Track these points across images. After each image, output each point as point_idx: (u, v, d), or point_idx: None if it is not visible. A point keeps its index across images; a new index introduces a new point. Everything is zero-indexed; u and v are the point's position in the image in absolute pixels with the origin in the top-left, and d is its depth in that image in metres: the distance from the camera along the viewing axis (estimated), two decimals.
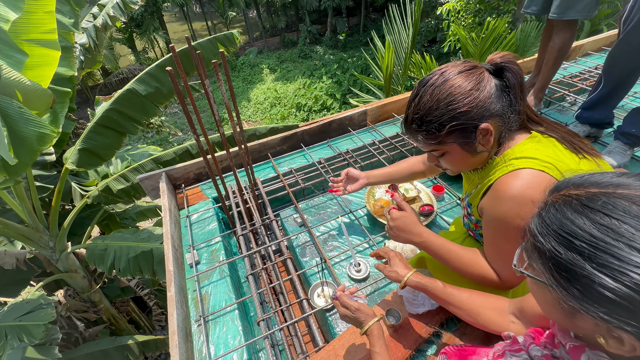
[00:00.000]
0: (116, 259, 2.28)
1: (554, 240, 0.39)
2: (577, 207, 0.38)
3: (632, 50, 1.45)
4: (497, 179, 0.74)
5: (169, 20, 24.26)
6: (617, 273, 0.33)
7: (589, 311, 0.36)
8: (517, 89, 0.72)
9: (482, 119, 0.72)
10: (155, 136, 9.16)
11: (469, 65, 0.73)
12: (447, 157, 0.80)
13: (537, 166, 0.68)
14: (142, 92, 2.51)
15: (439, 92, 0.72)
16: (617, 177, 0.39)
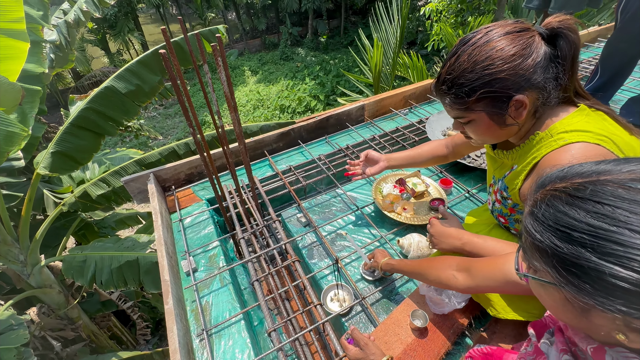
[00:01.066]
0: (97, 271, 2.09)
1: (553, 236, 0.37)
2: (567, 199, 0.37)
3: (629, 39, 1.47)
4: (545, 155, 0.67)
5: (145, 22, 23.48)
6: (624, 260, 0.31)
7: (605, 305, 0.34)
8: (568, 61, 0.65)
9: (519, 89, 0.65)
10: (134, 140, 8.74)
11: (519, 27, 0.66)
12: (473, 125, 0.74)
13: (592, 139, 0.62)
14: (122, 89, 2.33)
15: (478, 53, 0.66)
16: (597, 165, 0.39)
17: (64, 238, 3.03)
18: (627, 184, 0.34)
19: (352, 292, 1.10)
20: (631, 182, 0.34)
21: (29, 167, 3.41)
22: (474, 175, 1.57)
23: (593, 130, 0.63)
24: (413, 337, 0.90)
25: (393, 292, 1.11)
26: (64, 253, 2.96)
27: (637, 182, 0.34)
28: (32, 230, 2.65)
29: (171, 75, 0.90)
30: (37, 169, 2.21)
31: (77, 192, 2.33)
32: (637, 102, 1.58)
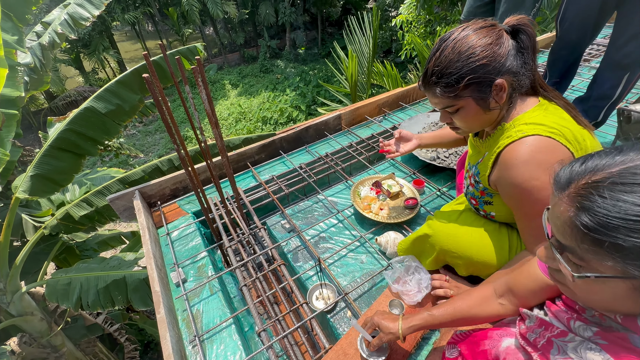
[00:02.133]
0: (83, 292, 2.06)
1: (624, 228, 0.35)
2: (622, 187, 0.36)
3: (568, 47, 1.65)
4: (506, 146, 0.77)
5: (120, 40, 23.18)
6: None
7: None
8: (530, 51, 0.76)
9: (499, 74, 0.75)
10: (114, 159, 8.57)
11: (488, 23, 0.77)
12: (461, 112, 0.82)
13: (545, 132, 0.72)
14: (102, 109, 2.35)
15: (461, 45, 0.75)
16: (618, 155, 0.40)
17: (44, 263, 2.95)
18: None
19: (335, 290, 1.17)
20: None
21: (4, 192, 3.32)
22: (444, 175, 1.69)
23: (547, 124, 0.73)
24: None
25: (374, 287, 1.19)
26: (46, 278, 2.88)
27: None
28: (11, 256, 2.58)
29: (155, 98, 0.97)
30: (15, 193, 2.18)
31: (58, 214, 2.30)
32: (582, 102, 1.76)
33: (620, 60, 1.50)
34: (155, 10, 15.91)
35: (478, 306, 0.76)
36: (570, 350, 0.48)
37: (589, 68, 2.68)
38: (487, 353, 0.71)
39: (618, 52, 1.50)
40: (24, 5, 2.53)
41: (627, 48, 1.46)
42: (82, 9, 3.24)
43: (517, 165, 0.74)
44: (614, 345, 0.44)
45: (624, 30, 1.45)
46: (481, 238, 0.95)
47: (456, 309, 0.77)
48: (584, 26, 1.55)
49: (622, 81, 1.55)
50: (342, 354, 0.93)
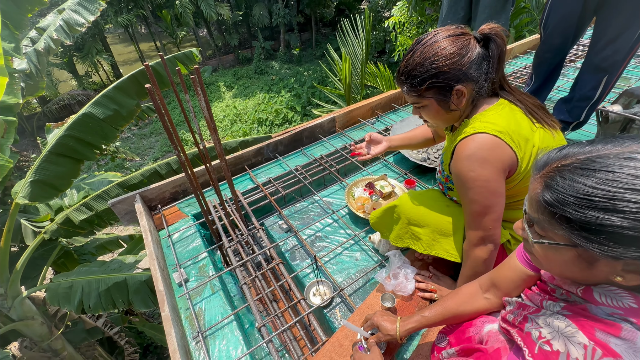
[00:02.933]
0: (85, 295, 2.10)
1: (575, 204, 0.43)
2: (580, 172, 0.44)
3: (552, 50, 1.73)
4: (460, 140, 0.85)
5: (113, 42, 23.04)
6: (636, 214, 0.39)
7: (621, 255, 0.41)
8: (495, 60, 0.83)
9: (459, 81, 0.82)
10: (110, 163, 8.55)
11: (458, 31, 0.83)
12: (425, 110, 0.91)
13: (492, 131, 0.80)
14: (100, 115, 2.39)
15: (427, 51, 0.82)
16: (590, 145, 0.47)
17: (43, 267, 2.97)
18: (625, 155, 0.42)
19: (331, 286, 1.23)
20: (628, 153, 0.42)
21: (2, 198, 3.34)
22: (434, 174, 1.76)
23: (497, 123, 0.81)
24: None
25: (369, 282, 1.25)
26: (45, 282, 2.90)
27: (632, 153, 0.42)
28: (11, 262, 2.60)
29: (157, 108, 1.02)
30: (15, 199, 2.21)
31: (59, 219, 2.33)
32: (566, 102, 1.84)
33: (599, 63, 1.58)
34: (148, 12, 15.87)
35: (465, 303, 0.81)
36: (541, 321, 0.55)
37: (575, 69, 2.77)
38: (471, 339, 0.77)
39: (597, 56, 1.57)
40: (20, 12, 2.55)
41: (605, 52, 1.53)
42: (77, 15, 3.27)
43: (462, 158, 0.83)
44: (576, 315, 0.51)
45: (602, 35, 1.53)
46: (441, 209, 1.04)
47: (446, 308, 0.82)
48: (565, 30, 1.63)
49: (602, 83, 1.63)
50: (337, 346, 0.99)
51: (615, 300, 0.48)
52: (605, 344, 0.45)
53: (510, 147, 0.80)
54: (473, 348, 0.73)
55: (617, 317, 0.47)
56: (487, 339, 0.71)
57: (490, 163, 0.80)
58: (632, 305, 0.46)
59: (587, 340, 0.46)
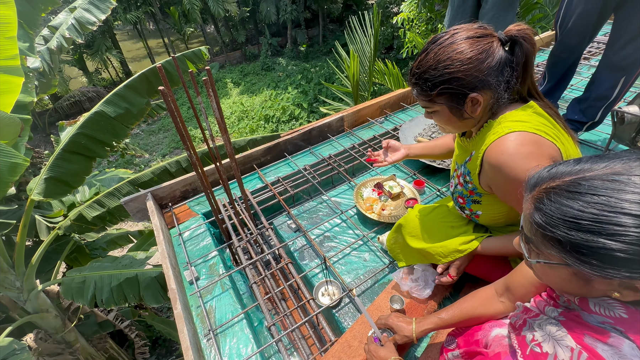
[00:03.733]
0: (97, 290, 2.15)
1: (564, 227, 0.44)
2: (567, 194, 0.45)
3: (569, 49, 1.69)
4: (492, 142, 0.76)
5: (122, 39, 23.27)
6: (623, 237, 0.40)
7: (612, 275, 0.42)
8: (521, 67, 0.75)
9: (474, 89, 0.74)
10: (119, 159, 8.70)
11: (480, 32, 0.74)
12: (437, 115, 0.84)
13: (530, 129, 0.72)
14: (111, 113, 2.43)
15: (442, 53, 0.75)
16: (576, 165, 0.47)
17: (57, 262, 3.05)
18: (609, 177, 0.43)
19: (340, 286, 1.24)
20: (612, 176, 0.43)
21: (16, 193, 3.42)
22: (443, 175, 1.75)
23: (532, 122, 0.74)
24: None
25: (377, 283, 1.26)
26: (59, 276, 2.98)
27: (616, 175, 0.43)
28: (26, 256, 2.68)
29: (170, 111, 1.03)
30: (31, 196, 2.27)
31: (72, 215, 2.39)
32: (580, 102, 1.80)
33: (618, 62, 1.54)
34: (156, 9, 15.96)
35: (482, 306, 0.82)
36: (536, 325, 0.57)
37: (589, 67, 2.71)
38: (479, 342, 0.78)
39: (616, 55, 1.53)
40: (33, 12, 2.60)
41: (625, 51, 1.49)
42: (88, 14, 3.32)
43: (505, 161, 0.73)
44: (570, 321, 0.53)
45: (622, 33, 1.49)
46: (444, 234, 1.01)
47: (462, 311, 0.83)
48: (583, 30, 1.59)
49: (620, 82, 1.59)
50: (346, 346, 1.00)
51: (607, 310, 0.49)
52: (592, 349, 0.46)
53: (552, 142, 0.72)
54: (475, 351, 0.74)
55: (608, 325, 0.49)
56: (491, 343, 0.72)
57: (539, 157, 0.70)
58: (622, 315, 0.48)
59: (574, 344, 0.48)
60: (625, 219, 0.40)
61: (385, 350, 0.84)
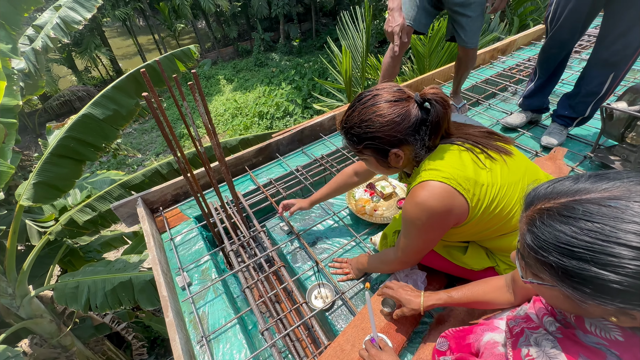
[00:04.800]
0: (91, 295, 2.14)
1: (556, 252, 0.43)
2: (560, 218, 0.43)
3: (560, 45, 1.68)
4: (413, 187, 0.85)
5: (111, 36, 22.86)
6: (617, 268, 0.38)
7: (605, 303, 0.41)
8: (434, 126, 0.82)
9: (394, 146, 0.84)
10: (112, 160, 8.59)
11: (398, 96, 0.82)
12: (366, 162, 0.94)
13: (438, 178, 0.79)
14: (100, 115, 2.39)
15: (365, 114, 0.83)
16: (575, 184, 0.46)
17: (50, 267, 3.02)
18: (606, 202, 0.41)
19: (333, 289, 1.24)
20: (609, 201, 0.41)
21: (7, 198, 3.37)
22: None
23: (441, 169, 0.80)
24: (385, 321, 1.06)
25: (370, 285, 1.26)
26: (52, 281, 2.95)
27: (613, 200, 0.41)
28: (18, 261, 2.64)
29: (155, 116, 1.01)
30: (19, 201, 2.23)
31: (62, 220, 2.36)
32: (570, 97, 1.81)
33: (608, 58, 1.54)
34: (145, 5, 15.67)
35: (493, 292, 0.84)
36: (532, 340, 0.57)
37: (579, 60, 2.71)
38: (470, 346, 0.78)
39: (606, 50, 1.53)
40: (16, 12, 2.53)
41: (615, 46, 1.49)
42: (74, 13, 3.24)
43: (413, 204, 0.83)
44: (566, 339, 0.52)
45: (611, 29, 1.48)
46: None
47: (473, 293, 0.87)
48: (574, 25, 1.58)
49: (609, 78, 1.59)
50: (339, 351, 1.00)
51: (603, 332, 0.48)
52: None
53: (461, 193, 0.79)
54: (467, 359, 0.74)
55: (603, 347, 0.48)
56: (483, 351, 0.72)
57: (438, 215, 0.80)
58: (618, 338, 0.47)
59: None
60: (620, 250, 0.38)
61: (386, 355, 0.85)
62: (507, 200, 0.82)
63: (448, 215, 0.81)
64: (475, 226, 0.86)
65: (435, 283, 1.15)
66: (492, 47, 2.94)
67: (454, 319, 1.05)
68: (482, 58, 2.89)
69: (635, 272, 0.37)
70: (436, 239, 0.90)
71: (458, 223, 0.85)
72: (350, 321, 1.10)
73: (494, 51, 2.95)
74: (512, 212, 0.83)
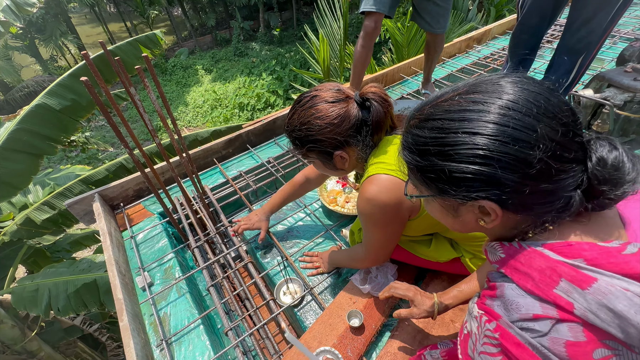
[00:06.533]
0: (52, 298, 2.01)
1: (415, 154, 0.47)
2: (418, 124, 0.48)
3: (528, 30, 1.68)
4: (362, 182, 0.83)
5: (79, 23, 21.54)
6: (455, 156, 0.42)
7: (457, 196, 0.44)
8: (375, 126, 0.80)
9: (337, 148, 0.81)
10: (81, 154, 8.15)
11: (337, 97, 0.79)
12: (314, 164, 0.92)
13: (384, 170, 0.77)
14: (56, 106, 2.21)
15: (304, 116, 0.80)
16: (439, 92, 0.49)
17: (10, 269, 2.82)
18: (453, 98, 0.45)
19: (302, 284, 1.20)
20: (455, 97, 0.45)
21: None
22: None
23: (386, 161, 0.78)
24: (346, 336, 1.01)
25: (340, 278, 1.22)
26: (13, 285, 2.76)
27: (460, 95, 0.44)
28: None
29: (97, 101, 0.92)
30: None
31: (18, 219, 2.19)
32: None
33: (574, 44, 1.54)
34: None
35: None
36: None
37: (551, 50, 2.75)
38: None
39: (573, 37, 1.54)
40: None
41: (580, 33, 1.50)
42: None
43: (363, 199, 0.80)
44: (484, 290, 0.50)
45: (577, 16, 1.48)
46: None
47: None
48: (542, 10, 1.58)
49: (576, 65, 1.60)
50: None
51: (493, 255, 0.49)
52: (489, 309, 0.45)
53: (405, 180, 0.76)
54: None
55: (496, 273, 0.48)
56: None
57: (390, 208, 0.78)
58: (501, 256, 0.47)
59: (477, 310, 0.47)
60: (456, 139, 0.41)
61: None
62: None
63: (400, 206, 0.78)
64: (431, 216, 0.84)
65: (405, 275, 1.13)
66: (467, 36, 2.93)
67: None
68: (458, 47, 2.88)
69: (469, 157, 0.41)
70: (397, 232, 0.87)
71: (413, 214, 0.83)
72: (318, 318, 1.06)
73: (470, 40, 2.94)
74: None
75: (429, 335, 0.97)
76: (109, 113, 0.99)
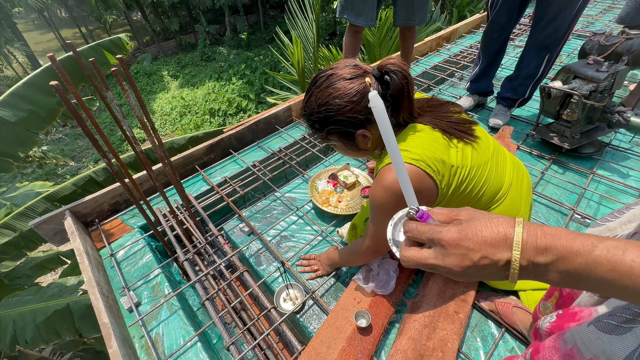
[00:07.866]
0: (18, 330, 1.80)
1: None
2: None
3: (498, 29, 1.77)
4: (380, 169, 0.80)
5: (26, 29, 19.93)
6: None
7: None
8: (396, 99, 0.76)
9: (358, 127, 0.78)
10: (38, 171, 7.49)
11: (354, 72, 0.75)
12: (335, 147, 0.89)
13: (407, 160, 0.74)
14: (10, 118, 2.01)
15: (321, 97, 0.77)
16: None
17: None
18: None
19: (302, 289, 1.16)
20: None
21: None
22: None
23: (411, 150, 0.75)
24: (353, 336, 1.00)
25: (339, 279, 1.20)
26: None
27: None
28: None
29: (70, 108, 0.83)
30: None
31: None
32: (511, 80, 1.92)
33: (542, 41, 1.64)
34: None
35: None
36: None
37: (514, 47, 2.92)
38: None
39: (540, 34, 1.63)
40: None
41: (548, 30, 1.59)
42: None
43: (380, 187, 0.77)
44: None
45: (544, 13, 1.58)
46: None
47: None
48: (511, 9, 1.67)
49: (544, 60, 1.70)
50: (314, 354, 0.93)
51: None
52: None
53: (429, 174, 0.75)
54: None
55: None
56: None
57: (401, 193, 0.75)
58: None
59: None
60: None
61: None
62: (477, 180, 0.81)
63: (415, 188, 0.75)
64: (448, 205, 0.84)
65: (407, 270, 1.13)
66: (437, 35, 3.04)
67: (426, 304, 1.04)
68: (429, 46, 2.98)
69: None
70: None
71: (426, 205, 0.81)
72: (323, 321, 1.03)
73: (440, 39, 3.05)
74: (481, 191, 0.82)
75: (435, 329, 0.97)
76: (84, 121, 0.90)
